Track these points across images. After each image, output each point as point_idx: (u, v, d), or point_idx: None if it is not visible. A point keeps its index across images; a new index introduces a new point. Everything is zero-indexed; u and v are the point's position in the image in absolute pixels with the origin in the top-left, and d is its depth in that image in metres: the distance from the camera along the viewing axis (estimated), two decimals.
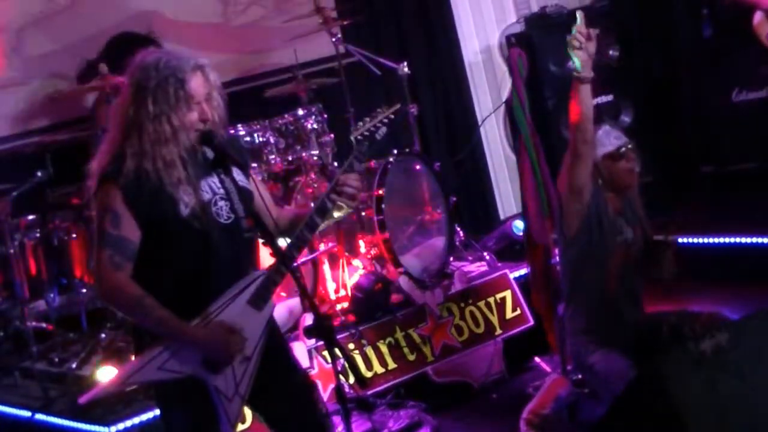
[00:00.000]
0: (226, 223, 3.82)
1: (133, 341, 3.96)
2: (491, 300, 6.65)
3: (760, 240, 6.93)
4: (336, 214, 4.06)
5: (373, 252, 6.68)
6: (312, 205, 4.35)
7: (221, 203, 3.83)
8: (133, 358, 3.95)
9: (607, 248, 5.23)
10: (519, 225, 7.28)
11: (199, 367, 3.76)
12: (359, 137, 4.08)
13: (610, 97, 7.98)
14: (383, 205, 6.57)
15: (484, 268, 6.97)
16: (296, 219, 4.06)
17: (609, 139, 5.21)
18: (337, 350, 3.68)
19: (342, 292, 6.53)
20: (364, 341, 6.14)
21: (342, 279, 6.58)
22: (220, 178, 3.86)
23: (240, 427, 5.12)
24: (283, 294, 6.24)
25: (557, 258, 5.57)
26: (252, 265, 3.99)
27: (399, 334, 6.29)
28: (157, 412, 4.24)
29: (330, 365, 3.79)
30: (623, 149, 5.20)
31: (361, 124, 4.11)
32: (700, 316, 5.28)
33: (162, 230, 3.74)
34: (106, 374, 5.56)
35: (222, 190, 3.85)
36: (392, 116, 4.15)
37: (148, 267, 3.75)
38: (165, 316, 3.69)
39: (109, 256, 3.66)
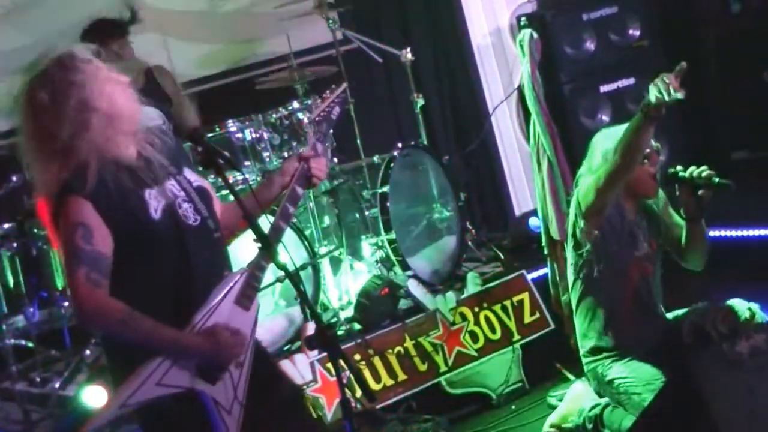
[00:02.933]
0: (195, 225, 3.88)
1: (109, 364, 3.95)
2: (508, 303, 6.65)
3: None
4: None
5: (378, 254, 6.69)
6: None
7: (185, 205, 3.89)
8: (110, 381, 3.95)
9: (623, 265, 5.26)
10: (536, 221, 7.28)
11: (196, 378, 3.77)
12: (317, 119, 4.31)
13: (631, 81, 7.97)
14: (388, 204, 6.59)
15: (500, 269, 6.98)
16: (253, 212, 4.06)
17: None
18: (342, 362, 3.70)
19: (346, 299, 6.54)
20: (371, 351, 6.15)
21: (345, 284, 6.59)
22: (176, 180, 3.92)
23: None
24: (282, 302, 6.26)
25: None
26: (226, 265, 4.03)
27: (409, 343, 6.29)
28: None
29: (335, 378, 3.81)
30: (650, 152, 5.21)
31: (313, 107, 4.27)
32: (721, 310, 5.30)
33: (135, 237, 3.74)
34: (94, 395, 5.58)
35: (182, 192, 3.91)
36: (343, 95, 4.48)
37: (123, 281, 3.74)
38: (157, 326, 3.69)
39: (86, 274, 3.63)
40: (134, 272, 3.74)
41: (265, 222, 3.98)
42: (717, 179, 5.10)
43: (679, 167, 5.21)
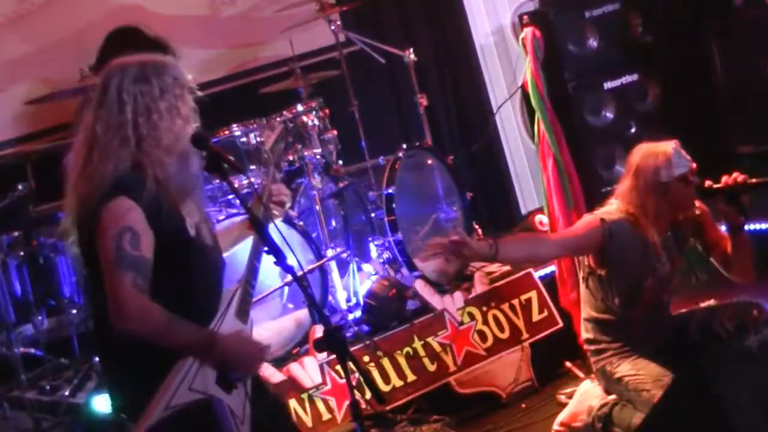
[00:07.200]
0: (209, 245, 3.97)
1: (110, 378, 3.97)
2: (516, 302, 6.65)
3: None
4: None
5: (385, 256, 6.69)
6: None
7: (202, 225, 3.97)
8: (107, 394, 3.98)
9: (634, 291, 5.27)
10: (542, 219, 7.29)
11: (215, 386, 3.80)
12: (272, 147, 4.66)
13: (634, 77, 7.96)
14: (394, 205, 6.59)
15: (507, 268, 6.97)
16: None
17: (682, 160, 5.22)
18: (350, 364, 3.71)
19: (353, 301, 6.55)
20: (379, 353, 6.15)
21: (353, 286, 6.60)
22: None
23: None
24: (291, 306, 6.26)
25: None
26: (222, 282, 4.10)
27: (417, 344, 6.30)
28: None
29: (344, 380, 3.82)
30: (686, 172, 5.22)
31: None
32: (728, 308, 5.31)
33: (173, 251, 3.79)
34: (104, 403, 5.58)
35: (197, 213, 3.97)
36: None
37: (154, 288, 3.76)
38: (197, 328, 3.75)
39: (132, 279, 3.64)
40: (165, 283, 3.76)
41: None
42: (754, 180, 5.13)
43: (708, 182, 5.22)
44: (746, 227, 5.30)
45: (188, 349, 3.73)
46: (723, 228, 5.43)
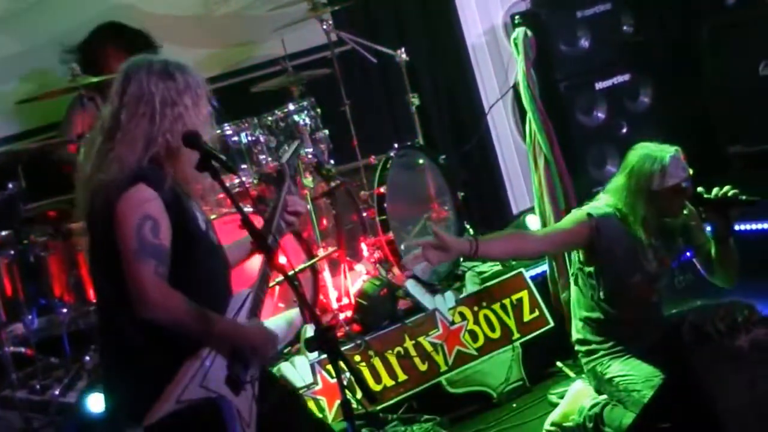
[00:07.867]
0: (217, 243, 4.06)
1: (108, 372, 3.98)
2: (507, 302, 6.66)
3: None
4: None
5: (376, 255, 6.69)
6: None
7: (209, 223, 4.07)
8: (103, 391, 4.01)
9: (622, 289, 5.27)
10: (533, 219, 7.29)
11: (225, 386, 3.84)
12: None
13: (626, 77, 7.98)
14: (385, 204, 6.59)
15: (498, 267, 6.97)
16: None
17: (678, 171, 5.22)
18: (342, 363, 3.71)
19: (345, 300, 6.54)
20: (371, 352, 6.15)
21: (344, 286, 6.59)
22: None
23: None
24: (281, 305, 6.25)
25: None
26: (231, 285, 4.15)
27: (409, 343, 6.30)
28: None
29: (335, 380, 3.81)
30: (686, 183, 5.22)
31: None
32: (719, 308, 5.31)
33: (186, 243, 3.84)
34: (98, 402, 5.57)
35: (203, 214, 4.08)
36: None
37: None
38: (215, 315, 3.82)
39: (154, 267, 3.70)
40: (176, 275, 3.80)
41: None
42: (744, 196, 5.14)
43: (700, 189, 5.23)
44: (732, 237, 5.32)
45: (209, 334, 3.79)
46: (708, 231, 5.46)
